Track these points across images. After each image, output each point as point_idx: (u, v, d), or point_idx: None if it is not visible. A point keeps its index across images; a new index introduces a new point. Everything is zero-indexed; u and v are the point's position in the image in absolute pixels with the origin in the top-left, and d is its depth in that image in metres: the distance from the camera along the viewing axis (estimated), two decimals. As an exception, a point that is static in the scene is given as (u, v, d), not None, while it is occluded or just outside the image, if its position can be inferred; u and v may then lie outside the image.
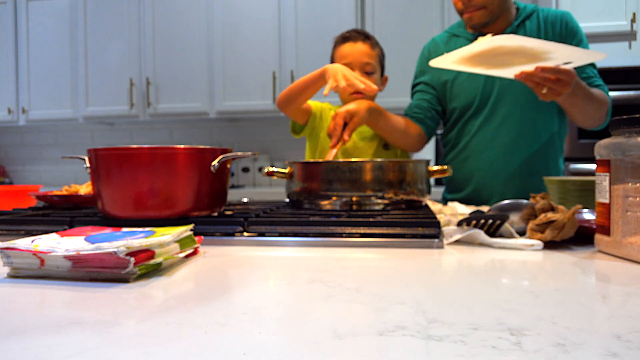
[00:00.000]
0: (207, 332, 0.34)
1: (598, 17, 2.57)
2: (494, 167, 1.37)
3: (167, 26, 3.25)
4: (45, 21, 3.47)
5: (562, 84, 1.05)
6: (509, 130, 1.35)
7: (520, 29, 1.34)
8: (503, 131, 1.36)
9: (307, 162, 0.95)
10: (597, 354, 0.29)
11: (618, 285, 0.47)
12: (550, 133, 1.37)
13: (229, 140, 3.59)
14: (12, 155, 3.96)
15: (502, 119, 1.36)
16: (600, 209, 0.63)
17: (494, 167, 1.37)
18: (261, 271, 0.54)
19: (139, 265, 0.49)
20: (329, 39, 2.69)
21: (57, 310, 0.40)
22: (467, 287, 0.46)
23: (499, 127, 1.36)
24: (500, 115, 1.36)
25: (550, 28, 1.35)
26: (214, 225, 0.74)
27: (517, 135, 1.35)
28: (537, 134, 1.36)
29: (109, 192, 0.76)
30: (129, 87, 3.31)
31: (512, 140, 1.35)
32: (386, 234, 0.70)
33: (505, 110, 1.35)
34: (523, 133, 1.35)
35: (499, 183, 1.37)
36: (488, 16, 1.31)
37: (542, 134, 1.36)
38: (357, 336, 0.33)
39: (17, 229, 0.78)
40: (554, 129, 1.38)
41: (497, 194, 1.35)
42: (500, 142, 1.36)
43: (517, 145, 1.35)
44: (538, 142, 1.36)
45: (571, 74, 1.05)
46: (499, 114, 1.36)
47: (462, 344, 0.31)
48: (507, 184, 1.36)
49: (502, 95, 1.35)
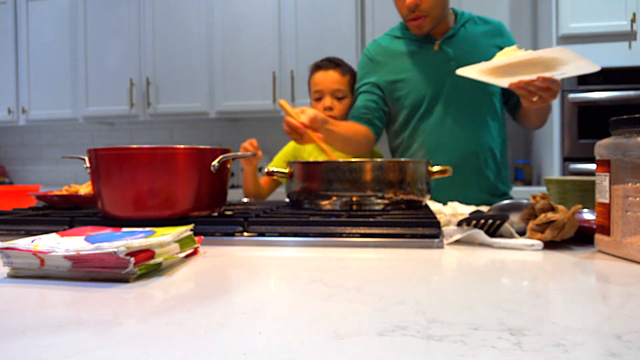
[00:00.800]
0: (207, 332, 0.34)
1: (598, 17, 2.57)
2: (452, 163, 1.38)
3: (167, 26, 3.25)
4: (45, 21, 3.47)
5: (551, 93, 1.12)
6: (464, 127, 1.39)
7: (462, 30, 1.41)
8: (457, 128, 1.39)
9: (307, 162, 0.95)
10: (597, 354, 0.29)
11: (618, 285, 0.47)
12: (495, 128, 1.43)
13: (229, 140, 3.59)
14: (12, 155, 3.96)
15: (454, 116, 1.39)
16: (600, 209, 0.63)
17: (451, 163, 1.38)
18: (261, 271, 0.54)
19: (139, 265, 0.49)
20: (329, 39, 2.72)
21: (57, 310, 0.40)
22: (467, 287, 0.46)
23: (452, 124, 1.39)
24: (452, 112, 1.39)
25: (490, 32, 1.43)
26: (214, 225, 0.74)
27: (470, 130, 1.39)
28: (488, 130, 1.41)
29: (109, 192, 0.76)
30: (129, 87, 3.31)
31: (467, 135, 1.39)
32: (386, 234, 0.70)
33: (456, 107, 1.39)
34: (475, 127, 1.40)
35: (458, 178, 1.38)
36: (432, 22, 1.37)
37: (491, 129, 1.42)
38: (357, 336, 0.33)
39: (17, 229, 0.78)
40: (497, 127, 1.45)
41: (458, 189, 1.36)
42: (456, 138, 1.39)
43: (469, 141, 1.39)
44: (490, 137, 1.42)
45: (559, 85, 1.13)
46: (451, 112, 1.39)
47: (462, 344, 0.31)
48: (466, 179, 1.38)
49: (452, 94, 1.39)
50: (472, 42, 1.40)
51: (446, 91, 1.39)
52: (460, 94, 1.38)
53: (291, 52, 3.09)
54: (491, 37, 1.42)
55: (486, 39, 1.41)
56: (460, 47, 1.39)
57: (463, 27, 1.42)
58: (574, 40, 2.59)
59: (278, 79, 3.11)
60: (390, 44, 1.47)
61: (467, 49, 1.39)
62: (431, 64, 1.40)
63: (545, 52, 1.06)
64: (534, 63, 1.09)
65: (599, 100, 2.56)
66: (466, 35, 1.41)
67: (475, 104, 1.39)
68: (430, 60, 1.40)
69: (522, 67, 1.11)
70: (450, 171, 1.00)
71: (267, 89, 3.12)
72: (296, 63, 3.08)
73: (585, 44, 2.60)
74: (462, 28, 1.42)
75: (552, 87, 1.11)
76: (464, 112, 1.39)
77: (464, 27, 1.42)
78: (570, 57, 1.06)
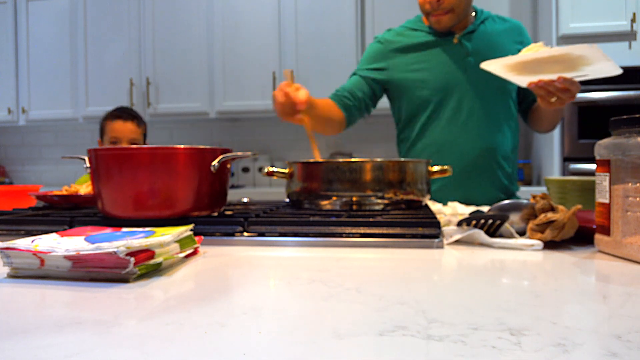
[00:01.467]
0: (207, 332, 0.34)
1: (598, 17, 2.57)
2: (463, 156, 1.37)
3: (167, 26, 3.25)
4: (45, 21, 3.47)
5: (570, 95, 1.10)
6: (477, 124, 1.37)
7: (481, 27, 1.39)
8: (471, 125, 1.37)
9: (307, 162, 0.95)
10: (597, 354, 0.29)
11: (618, 285, 0.47)
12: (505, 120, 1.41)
13: (229, 140, 3.59)
14: (12, 155, 3.96)
15: (468, 112, 1.37)
16: (600, 209, 0.63)
17: (464, 160, 1.37)
18: (261, 271, 0.54)
19: (139, 265, 0.49)
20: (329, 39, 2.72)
21: (57, 310, 0.40)
22: (467, 287, 0.46)
23: (466, 119, 1.37)
24: (465, 108, 1.37)
25: (509, 30, 1.41)
26: (214, 225, 0.74)
27: (485, 127, 1.37)
28: (498, 123, 1.39)
29: (109, 192, 0.76)
30: (129, 87, 3.31)
31: (481, 132, 1.37)
32: (386, 234, 0.70)
33: (470, 104, 1.37)
34: (489, 125, 1.37)
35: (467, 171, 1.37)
36: (455, 19, 1.34)
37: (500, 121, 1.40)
38: (357, 336, 0.33)
39: (17, 229, 0.78)
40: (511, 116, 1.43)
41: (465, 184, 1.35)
42: (469, 135, 1.36)
43: (483, 138, 1.37)
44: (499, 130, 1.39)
45: (578, 87, 1.10)
46: (464, 108, 1.37)
47: (462, 344, 0.31)
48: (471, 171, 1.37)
49: (467, 89, 1.36)
50: (491, 39, 1.38)
51: (462, 86, 1.36)
52: (476, 90, 1.35)
53: (291, 52, 3.09)
54: (510, 35, 1.40)
55: (505, 37, 1.39)
56: (480, 42, 1.37)
57: (482, 24, 1.39)
58: (574, 40, 2.59)
59: (278, 79, 3.11)
60: (407, 33, 1.43)
61: (487, 45, 1.36)
62: (449, 57, 1.37)
63: (574, 48, 1.03)
64: (559, 60, 1.07)
65: (599, 100, 2.56)
66: (486, 32, 1.38)
67: (490, 102, 1.37)
68: (448, 52, 1.37)
69: (546, 64, 1.08)
70: (450, 171, 0.99)
71: (267, 89, 3.12)
72: (296, 63, 3.08)
73: (585, 44, 2.59)
74: (482, 25, 1.39)
75: (571, 88, 1.09)
76: (478, 109, 1.36)
77: (483, 24, 1.39)
78: (598, 56, 1.04)
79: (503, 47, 1.36)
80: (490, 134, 1.37)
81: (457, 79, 1.36)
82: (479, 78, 1.31)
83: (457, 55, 1.37)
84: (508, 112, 1.40)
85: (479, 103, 1.36)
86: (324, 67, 3.05)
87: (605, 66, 1.08)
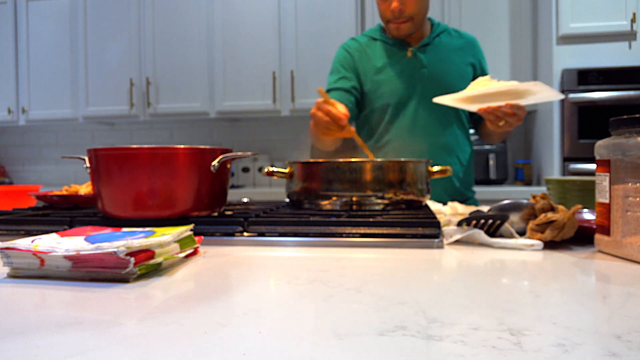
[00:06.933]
0: (207, 332, 0.34)
1: (598, 17, 2.57)
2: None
3: (167, 26, 3.25)
4: (45, 21, 3.47)
5: (517, 118, 1.21)
6: (433, 131, 1.46)
7: (436, 40, 1.48)
8: (428, 130, 1.45)
9: (307, 162, 0.95)
10: (597, 354, 0.29)
11: (618, 285, 0.47)
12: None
13: (229, 140, 3.59)
14: (12, 155, 3.96)
15: (424, 120, 1.45)
16: (600, 209, 0.63)
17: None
18: (261, 271, 0.54)
19: (139, 265, 0.49)
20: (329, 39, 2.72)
21: (57, 310, 0.40)
22: (467, 287, 0.46)
23: (423, 125, 1.45)
24: (421, 116, 1.45)
25: (464, 47, 1.50)
26: (214, 225, 0.74)
27: (439, 132, 1.46)
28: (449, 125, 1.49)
29: (109, 192, 0.76)
30: (129, 87, 3.31)
31: (436, 137, 1.46)
32: (386, 234, 0.70)
33: (425, 112, 1.45)
34: (442, 130, 1.47)
35: None
36: (413, 27, 1.43)
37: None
38: (357, 336, 0.33)
39: (17, 229, 0.78)
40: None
41: None
42: (426, 139, 1.45)
43: (439, 140, 1.46)
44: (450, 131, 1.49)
45: (525, 111, 1.22)
46: (420, 116, 1.45)
47: (462, 344, 0.31)
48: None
49: (422, 99, 1.45)
50: (445, 54, 1.47)
51: (417, 96, 1.45)
52: (430, 101, 1.42)
53: (291, 52, 3.09)
54: (464, 54, 1.49)
55: (459, 56, 1.48)
56: (434, 55, 1.46)
57: (438, 37, 1.49)
58: (574, 40, 2.59)
59: (278, 79, 3.11)
60: (368, 43, 1.51)
61: (440, 58, 1.46)
62: (404, 69, 1.46)
63: (520, 85, 1.13)
64: (506, 93, 1.16)
65: (599, 100, 2.56)
66: (441, 46, 1.48)
67: (442, 110, 1.44)
68: (403, 65, 1.46)
69: (494, 96, 1.19)
70: (450, 171, 1.00)
71: (267, 89, 3.12)
72: (296, 63, 3.08)
73: (585, 44, 2.60)
74: (437, 38, 1.49)
75: (518, 112, 1.19)
76: (434, 120, 1.45)
77: (438, 37, 1.49)
78: (543, 88, 1.13)
79: (455, 64, 1.47)
80: (445, 141, 1.46)
81: (412, 89, 1.45)
82: (432, 88, 1.41)
83: (412, 68, 1.46)
84: (459, 121, 1.51)
85: (434, 114, 1.45)
86: (324, 67, 3.05)
87: (550, 94, 1.17)
